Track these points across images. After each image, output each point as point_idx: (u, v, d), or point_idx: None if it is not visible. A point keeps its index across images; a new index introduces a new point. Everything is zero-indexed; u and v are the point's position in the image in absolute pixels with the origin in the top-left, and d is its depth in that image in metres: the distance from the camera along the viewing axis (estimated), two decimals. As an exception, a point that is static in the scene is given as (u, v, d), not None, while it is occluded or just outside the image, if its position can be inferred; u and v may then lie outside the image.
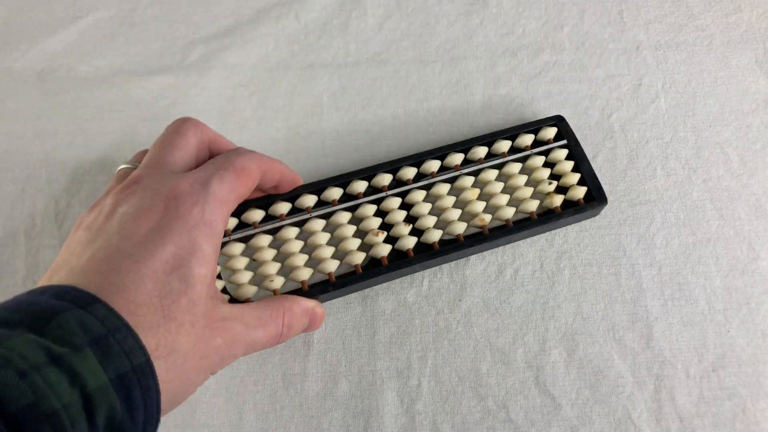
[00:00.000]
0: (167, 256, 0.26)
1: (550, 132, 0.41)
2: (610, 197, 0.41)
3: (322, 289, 0.36)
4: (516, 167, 0.40)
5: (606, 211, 0.41)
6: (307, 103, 0.45)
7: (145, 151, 0.35)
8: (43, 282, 0.27)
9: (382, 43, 0.48)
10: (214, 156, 0.33)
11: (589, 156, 0.42)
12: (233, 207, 0.31)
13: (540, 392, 0.36)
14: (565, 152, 0.40)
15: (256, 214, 0.37)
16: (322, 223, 0.38)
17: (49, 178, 0.42)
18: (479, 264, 0.39)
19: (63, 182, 0.42)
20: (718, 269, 0.39)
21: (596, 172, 0.42)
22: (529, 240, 0.40)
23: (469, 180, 0.39)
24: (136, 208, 0.27)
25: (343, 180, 0.39)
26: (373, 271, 0.36)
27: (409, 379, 0.36)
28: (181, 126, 0.32)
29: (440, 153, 0.40)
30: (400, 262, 0.37)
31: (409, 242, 0.37)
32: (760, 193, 0.41)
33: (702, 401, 0.36)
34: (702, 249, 0.40)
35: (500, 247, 0.40)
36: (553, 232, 0.40)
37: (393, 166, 0.39)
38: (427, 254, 0.37)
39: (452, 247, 0.37)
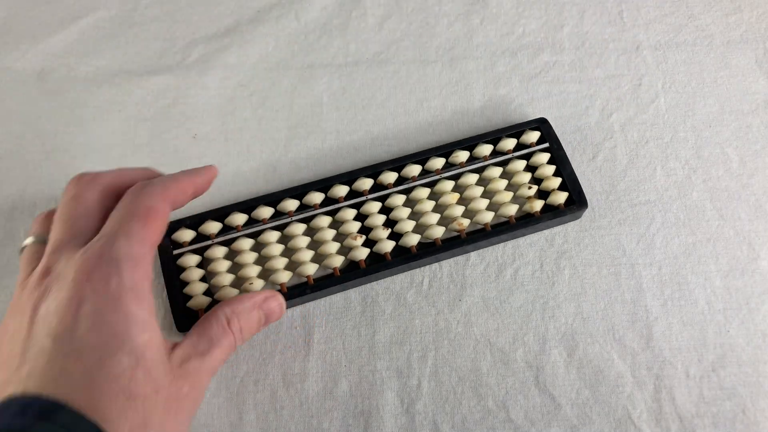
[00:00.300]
0: (105, 339, 0.25)
1: (533, 135, 0.41)
2: (609, 197, 0.41)
3: (300, 291, 0.36)
4: (497, 171, 0.40)
5: (606, 211, 0.41)
6: (307, 103, 0.45)
7: (44, 217, 0.32)
8: None
9: (382, 43, 0.48)
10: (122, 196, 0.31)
11: (589, 156, 0.42)
12: (152, 253, 0.29)
13: (540, 392, 0.36)
14: (547, 156, 0.40)
15: (239, 218, 0.38)
16: (302, 227, 0.38)
17: (49, 178, 0.42)
18: (479, 264, 0.39)
19: (63, 182, 0.42)
20: (718, 269, 0.39)
21: (596, 172, 0.42)
22: (529, 240, 0.40)
23: (448, 184, 0.39)
24: (55, 306, 0.26)
25: (324, 184, 0.39)
26: (351, 273, 0.37)
27: (409, 379, 0.36)
28: (75, 189, 0.30)
29: (421, 157, 0.40)
30: (377, 265, 0.37)
31: (387, 246, 0.37)
32: (760, 193, 0.41)
33: (702, 401, 0.36)
34: (702, 249, 0.40)
35: (500, 247, 0.40)
36: (553, 232, 0.40)
37: (374, 170, 0.40)
38: (403, 257, 0.37)
39: (429, 251, 0.37)
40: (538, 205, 0.39)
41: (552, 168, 0.40)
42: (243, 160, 0.43)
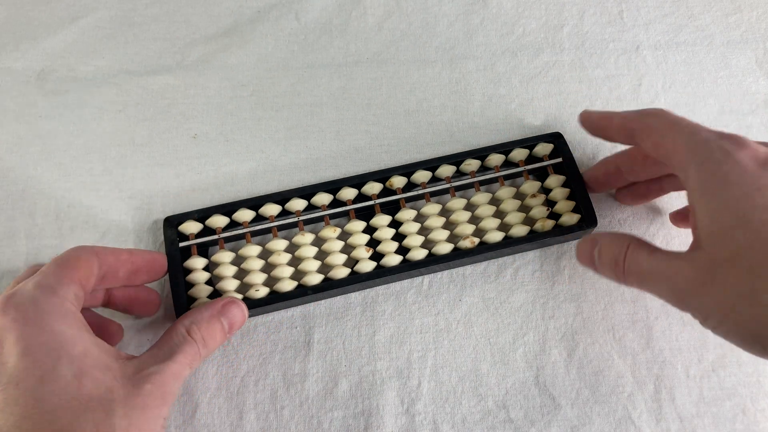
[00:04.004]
0: (40, 358, 0.26)
1: (546, 148, 0.40)
2: (610, 197, 0.41)
3: (301, 292, 0.36)
4: (509, 191, 0.39)
5: (606, 211, 0.41)
6: (307, 103, 0.45)
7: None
8: None
9: (382, 43, 0.48)
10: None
11: (589, 156, 0.42)
12: (73, 286, 0.29)
13: (540, 392, 0.36)
14: (562, 179, 0.39)
15: (246, 214, 0.38)
16: (310, 237, 0.38)
17: (49, 178, 0.42)
18: (479, 264, 0.39)
19: (63, 182, 0.42)
20: (718, 269, 0.39)
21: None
22: (529, 240, 0.40)
23: (461, 202, 0.39)
24: None
25: (332, 186, 0.39)
26: (355, 277, 0.37)
27: (409, 379, 0.36)
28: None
29: (432, 165, 0.40)
30: (382, 270, 0.37)
31: (395, 260, 0.37)
32: (760, 193, 0.41)
33: (702, 401, 0.36)
34: (702, 249, 0.40)
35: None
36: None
37: (383, 175, 0.39)
38: (409, 264, 0.37)
39: (435, 259, 0.37)
40: (549, 224, 0.38)
41: (563, 180, 0.39)
42: (243, 160, 0.43)
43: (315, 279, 0.37)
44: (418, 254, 0.37)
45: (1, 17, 0.49)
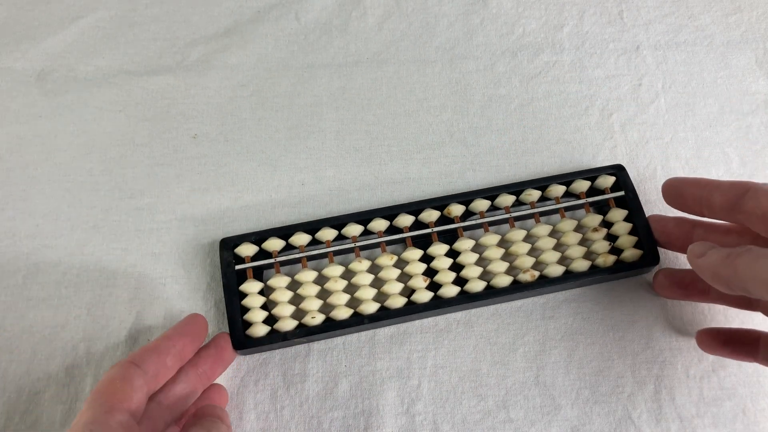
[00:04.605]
0: None
1: (608, 180, 0.39)
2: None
3: (356, 320, 0.36)
4: (570, 224, 0.38)
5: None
6: (306, 103, 0.45)
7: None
8: None
9: (382, 43, 0.48)
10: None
11: (589, 156, 0.42)
12: (103, 408, 0.28)
13: (540, 392, 0.36)
14: (624, 213, 0.38)
15: (302, 238, 0.38)
16: (367, 263, 0.37)
17: (49, 178, 0.42)
18: (479, 264, 0.39)
19: (64, 183, 0.42)
20: (718, 269, 0.39)
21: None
22: (529, 240, 0.40)
23: (520, 233, 0.38)
24: None
25: (389, 212, 0.38)
26: (411, 308, 0.36)
27: (409, 379, 0.36)
28: None
29: (491, 194, 0.39)
30: (436, 302, 0.36)
31: (452, 291, 0.36)
32: (760, 193, 0.41)
33: (702, 401, 0.36)
34: (702, 249, 0.39)
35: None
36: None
37: (441, 203, 0.39)
38: (466, 296, 0.37)
39: (491, 292, 0.37)
40: (611, 260, 0.37)
41: (624, 215, 0.38)
42: (243, 160, 0.43)
43: (371, 307, 0.36)
44: (476, 286, 0.36)
45: (1, 17, 0.49)
